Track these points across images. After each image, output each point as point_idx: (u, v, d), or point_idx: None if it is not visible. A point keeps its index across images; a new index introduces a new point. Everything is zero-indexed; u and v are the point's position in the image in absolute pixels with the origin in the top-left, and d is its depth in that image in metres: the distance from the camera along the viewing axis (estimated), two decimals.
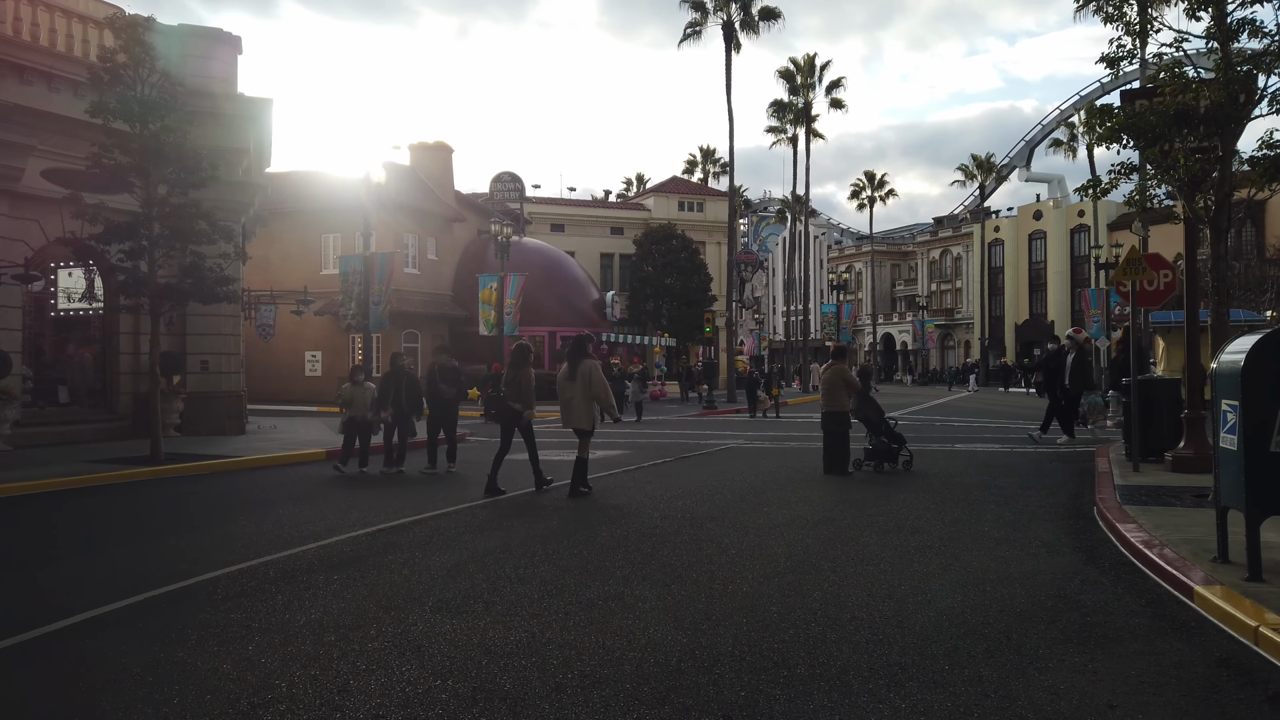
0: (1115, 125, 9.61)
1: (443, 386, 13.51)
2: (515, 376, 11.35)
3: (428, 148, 39.60)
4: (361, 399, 13.91)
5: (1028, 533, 7.96)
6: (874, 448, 12.88)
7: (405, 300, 35.96)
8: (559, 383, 10.91)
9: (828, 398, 12.63)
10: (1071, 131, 56.45)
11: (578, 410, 10.70)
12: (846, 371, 12.70)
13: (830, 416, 12.57)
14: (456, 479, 12.67)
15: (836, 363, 12.81)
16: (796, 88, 50.15)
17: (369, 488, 11.85)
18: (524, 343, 14.54)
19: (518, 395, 11.28)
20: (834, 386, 12.58)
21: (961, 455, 15.08)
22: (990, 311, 74.57)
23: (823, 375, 12.86)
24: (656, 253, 49.49)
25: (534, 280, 39.45)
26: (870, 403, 12.90)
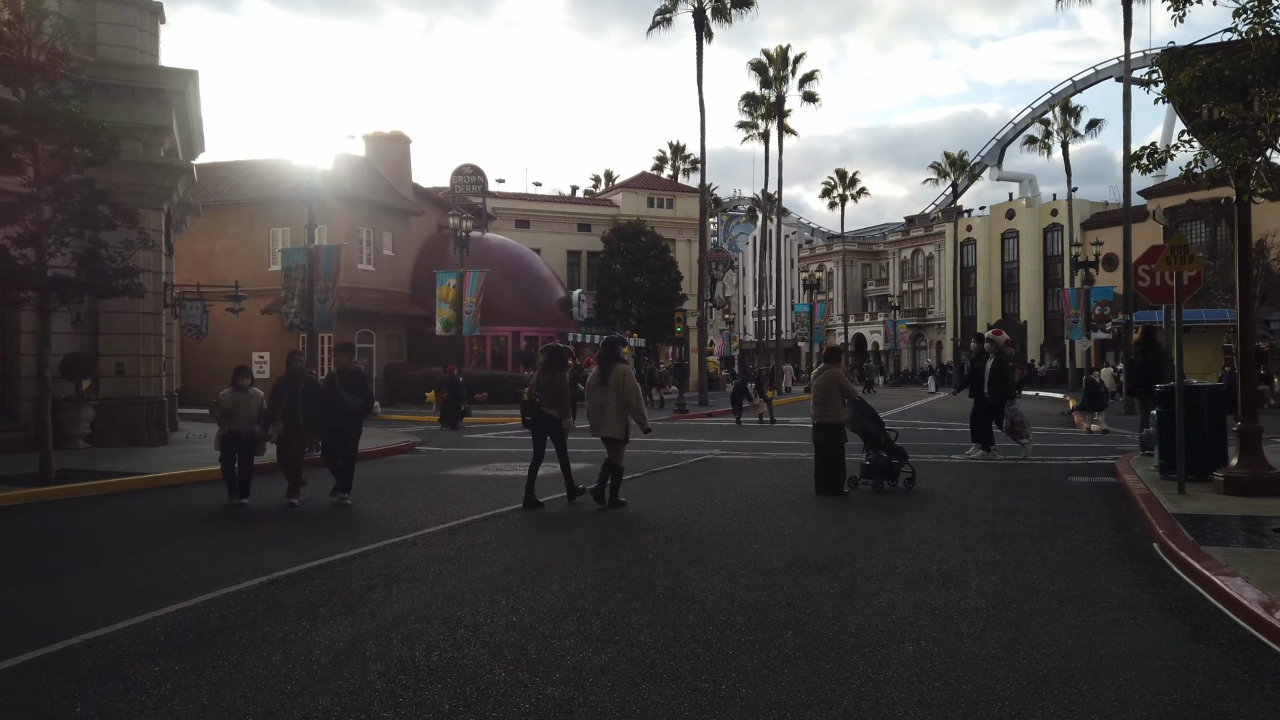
0: (1197, 73, 7.86)
1: (344, 395, 10.73)
2: (550, 381, 10.45)
3: (384, 138, 37.56)
4: (245, 409, 10.93)
5: (1090, 584, 6.34)
6: (872, 463, 11.26)
7: (359, 297, 33.95)
8: (589, 389, 10.37)
9: (820, 406, 10.98)
10: (1046, 129, 55.40)
11: (610, 418, 10.11)
12: (841, 377, 11.07)
13: (824, 428, 10.93)
14: (350, 514, 9.97)
15: (829, 366, 11.17)
16: (769, 80, 48.67)
17: (278, 520, 9.97)
18: (559, 344, 12.31)
19: (554, 401, 10.40)
20: (827, 394, 10.93)
21: (961, 469, 13.50)
22: (962, 312, 73.70)
23: (814, 381, 11.21)
24: (625, 250, 47.76)
25: (496, 278, 37.57)
26: (868, 412, 11.27)
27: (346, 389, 10.80)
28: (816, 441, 11.01)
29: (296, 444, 10.93)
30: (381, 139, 37.49)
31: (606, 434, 10.21)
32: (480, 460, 15.62)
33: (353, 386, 10.93)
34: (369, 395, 11.39)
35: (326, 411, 10.73)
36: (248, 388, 11.13)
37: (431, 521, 9.24)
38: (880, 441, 11.20)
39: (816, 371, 11.29)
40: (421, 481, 12.74)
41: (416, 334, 36.28)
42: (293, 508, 10.46)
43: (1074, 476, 12.40)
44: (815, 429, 11.05)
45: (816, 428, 11.02)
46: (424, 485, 12.28)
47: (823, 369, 11.20)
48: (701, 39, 37.81)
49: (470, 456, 16.43)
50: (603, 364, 10.38)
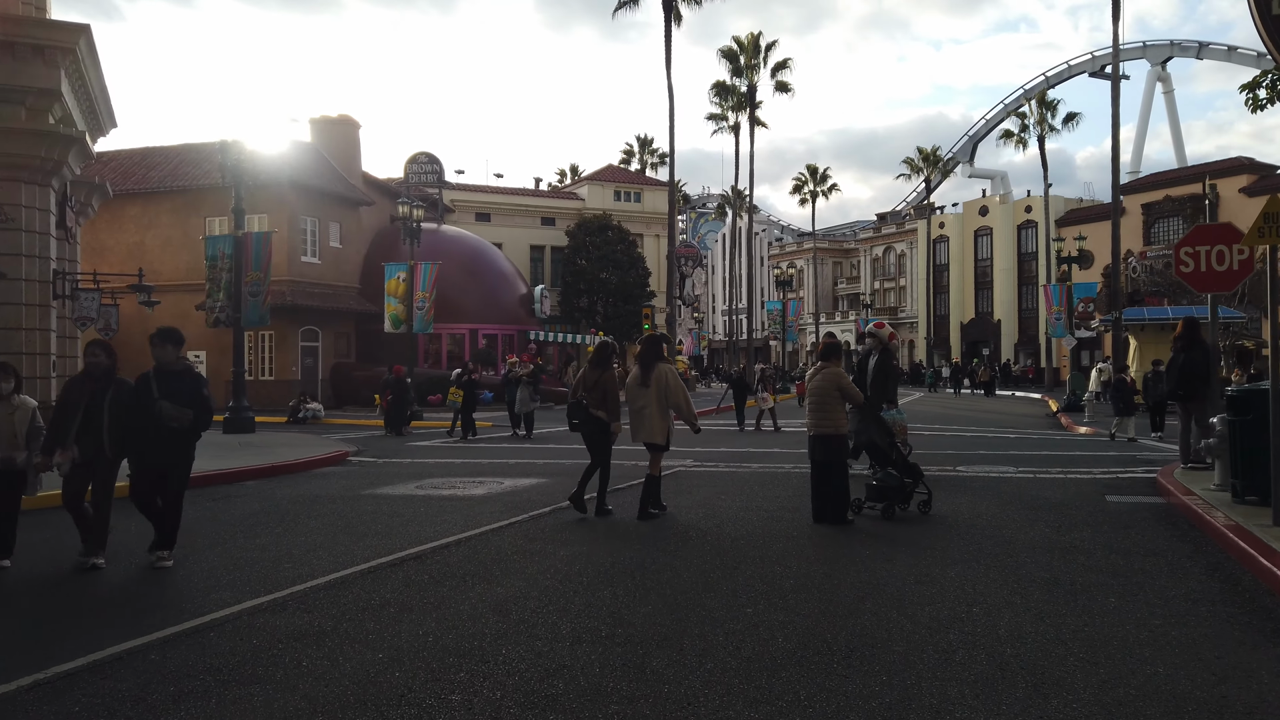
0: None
1: (164, 406, 7.14)
2: (599, 379, 9.56)
3: (331, 122, 35.15)
4: (8, 427, 7.26)
5: (1236, 682, 4.35)
6: (880, 483, 9.26)
7: (303, 292, 31.54)
8: (629, 390, 9.54)
9: (818, 414, 8.96)
10: (1022, 122, 54.06)
11: (651, 422, 9.31)
12: (844, 377, 9.03)
13: (823, 442, 8.90)
14: (173, 580, 6.81)
15: (828, 365, 9.13)
16: (740, 68, 46.81)
17: (47, 595, 6.91)
18: (608, 339, 11.10)
19: (602, 402, 9.47)
20: (826, 400, 8.90)
21: (979, 485, 11.55)
22: (935, 310, 72.47)
23: (810, 384, 9.19)
24: (591, 245, 45.68)
25: (453, 272, 35.30)
26: (878, 422, 9.27)
27: (168, 396, 7.21)
28: (815, 458, 8.98)
29: (102, 478, 7.33)
30: (328, 123, 35.07)
31: (648, 439, 9.35)
32: (416, 475, 13.45)
33: (177, 392, 7.29)
34: (203, 405, 7.40)
35: (138, 431, 7.24)
36: (9, 394, 7.37)
37: (317, 571, 7.03)
38: (891, 457, 9.20)
39: (813, 372, 9.26)
40: (334, 505, 10.54)
41: (367, 332, 33.91)
42: (94, 570, 7.06)
43: (1113, 496, 10.48)
44: (812, 442, 9.03)
45: (814, 441, 9.00)
46: (333, 511, 10.09)
47: (820, 368, 9.16)
48: (670, 21, 35.84)
49: (406, 470, 14.24)
50: (644, 363, 9.39)
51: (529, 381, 20.30)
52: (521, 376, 20.39)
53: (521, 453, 16.79)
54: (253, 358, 31.99)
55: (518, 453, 16.80)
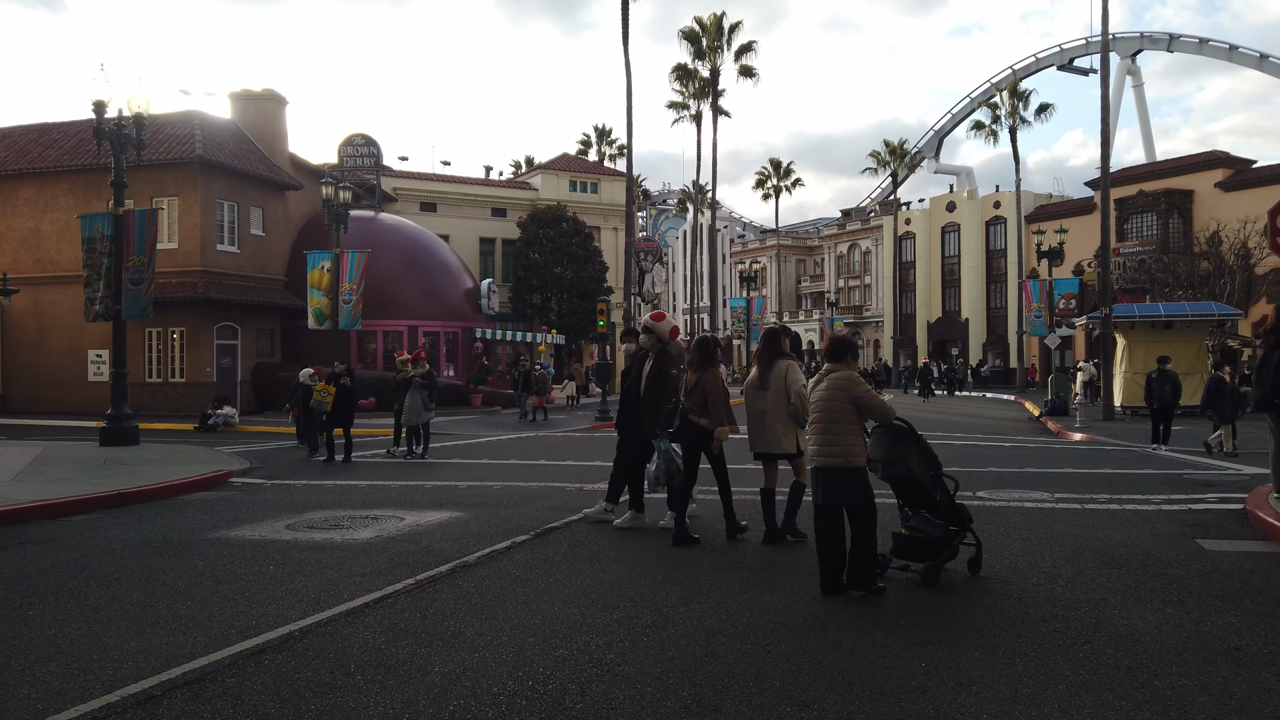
0: None
1: None
2: (700, 381, 8.19)
3: (253, 97, 31.87)
4: None
5: None
6: (916, 533, 6.59)
7: (218, 284, 28.32)
8: (746, 392, 8.19)
9: (825, 438, 6.27)
10: (994, 114, 52.16)
11: (772, 429, 7.82)
12: (861, 384, 6.32)
13: (831, 479, 6.22)
14: None
15: (838, 368, 6.45)
16: (702, 50, 44.24)
17: None
18: (710, 334, 9.55)
19: (704, 407, 8.09)
20: (836, 417, 6.25)
21: (1021, 523, 8.96)
22: (901, 309, 70.60)
23: (813, 394, 6.50)
24: (544, 237, 42.79)
25: (391, 264, 32.30)
26: (916, 445, 6.60)
27: None
28: (821, 500, 6.30)
29: None
30: (250, 99, 31.81)
31: (768, 449, 7.91)
32: (299, 506, 10.58)
33: None
34: None
35: None
36: None
37: None
38: (936, 496, 6.54)
39: (818, 379, 6.55)
40: (157, 560, 7.65)
41: (294, 329, 30.70)
42: None
43: (1208, 540, 7.93)
44: (817, 479, 6.34)
45: (820, 477, 6.30)
46: (147, 570, 7.22)
47: (826, 373, 6.46)
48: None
49: (292, 498, 11.36)
50: (762, 361, 7.96)
51: (423, 384, 16.15)
52: (413, 378, 16.16)
53: (446, 472, 13.94)
54: (160, 358, 28.72)
55: (439, 472, 13.95)
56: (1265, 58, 55.73)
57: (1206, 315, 29.65)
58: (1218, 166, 50.86)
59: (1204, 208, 50.44)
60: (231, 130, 30.80)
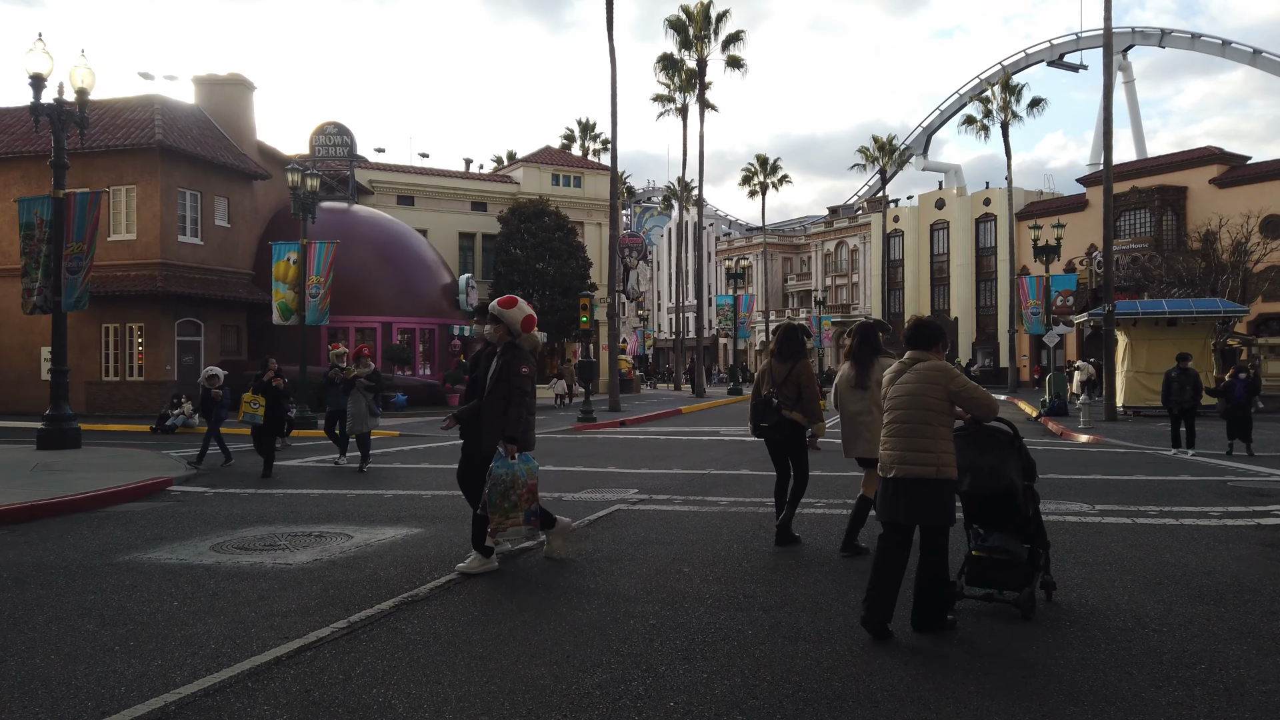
0: None
1: None
2: (792, 373, 7.45)
3: (218, 82, 30.33)
4: None
5: None
6: (997, 554, 5.37)
7: (179, 278, 26.81)
8: (839, 392, 7.28)
9: (905, 440, 5.00)
10: (985, 107, 51.15)
11: (874, 432, 6.58)
12: (959, 377, 5.05)
13: (918, 492, 4.94)
14: None
15: (925, 356, 5.15)
16: (689, 40, 42.88)
17: None
18: (799, 322, 8.68)
19: (796, 401, 7.37)
20: (924, 415, 4.99)
21: (1074, 542, 7.68)
22: (890, 307, 69.56)
23: (894, 388, 5.19)
24: (526, 232, 41.37)
25: (365, 257, 30.90)
26: (1017, 452, 5.40)
27: None
28: (890, 518, 5.05)
29: None
30: (215, 83, 30.27)
31: (866, 454, 7.06)
32: (235, 520, 9.23)
33: None
34: None
35: None
36: None
37: None
38: (1029, 511, 5.38)
39: (895, 370, 5.25)
40: (41, 592, 6.29)
41: (262, 325, 29.11)
42: None
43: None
44: (895, 492, 5.01)
45: (893, 488, 5.01)
46: (28, 605, 5.87)
47: (913, 361, 5.15)
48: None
49: (234, 510, 10.00)
50: (859, 358, 7.23)
51: (369, 386, 13.57)
52: (356, 379, 13.62)
53: (410, 479, 12.59)
54: (118, 355, 27.18)
55: (404, 480, 12.61)
56: (1259, 53, 55.03)
57: (1212, 312, 28.64)
58: (1212, 163, 50.05)
59: (1198, 204, 49.64)
60: (195, 116, 29.27)
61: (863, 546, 7.11)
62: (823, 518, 8.99)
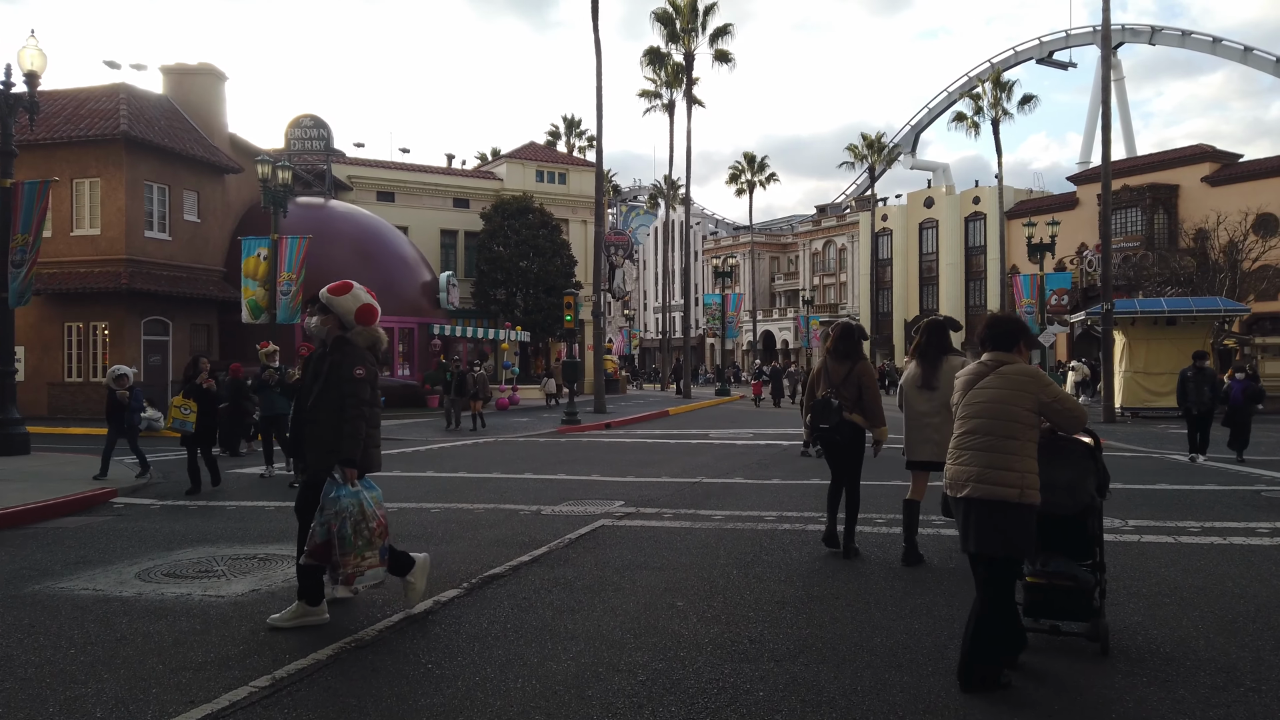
0: None
1: None
2: (852, 373, 7.04)
3: (187, 72, 29.20)
4: None
5: None
6: (1058, 580, 4.56)
7: (145, 275, 25.70)
8: (906, 392, 6.89)
9: (992, 458, 4.17)
10: (976, 104, 50.48)
11: (943, 434, 5.81)
12: (1051, 384, 4.31)
13: (1000, 517, 4.11)
14: None
15: (1008, 358, 4.40)
16: (675, 33, 42.02)
17: None
18: (851, 320, 8.31)
19: (857, 402, 6.99)
20: (1016, 429, 4.20)
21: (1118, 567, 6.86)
22: (878, 307, 68.91)
23: (971, 394, 4.37)
24: (509, 229, 40.34)
25: (341, 254, 29.79)
26: (1097, 467, 4.63)
27: None
28: (971, 547, 4.24)
29: None
30: (184, 73, 29.15)
31: (934, 457, 6.46)
32: (180, 539, 8.28)
33: None
34: None
35: None
36: None
37: None
38: (1097, 532, 4.67)
39: (972, 373, 4.45)
40: None
41: (233, 324, 27.99)
42: None
43: None
44: (971, 515, 4.20)
45: (980, 513, 4.17)
46: None
47: (995, 365, 4.37)
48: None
49: (177, 526, 9.03)
50: (926, 357, 6.78)
51: (274, 383, 12.83)
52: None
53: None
54: (81, 355, 26.04)
55: None
56: (1250, 50, 54.62)
57: (1212, 311, 27.99)
58: (1204, 161, 49.55)
59: (1190, 203, 49.14)
60: (163, 106, 28.14)
61: (921, 555, 6.83)
62: (884, 538, 8.11)
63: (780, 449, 16.91)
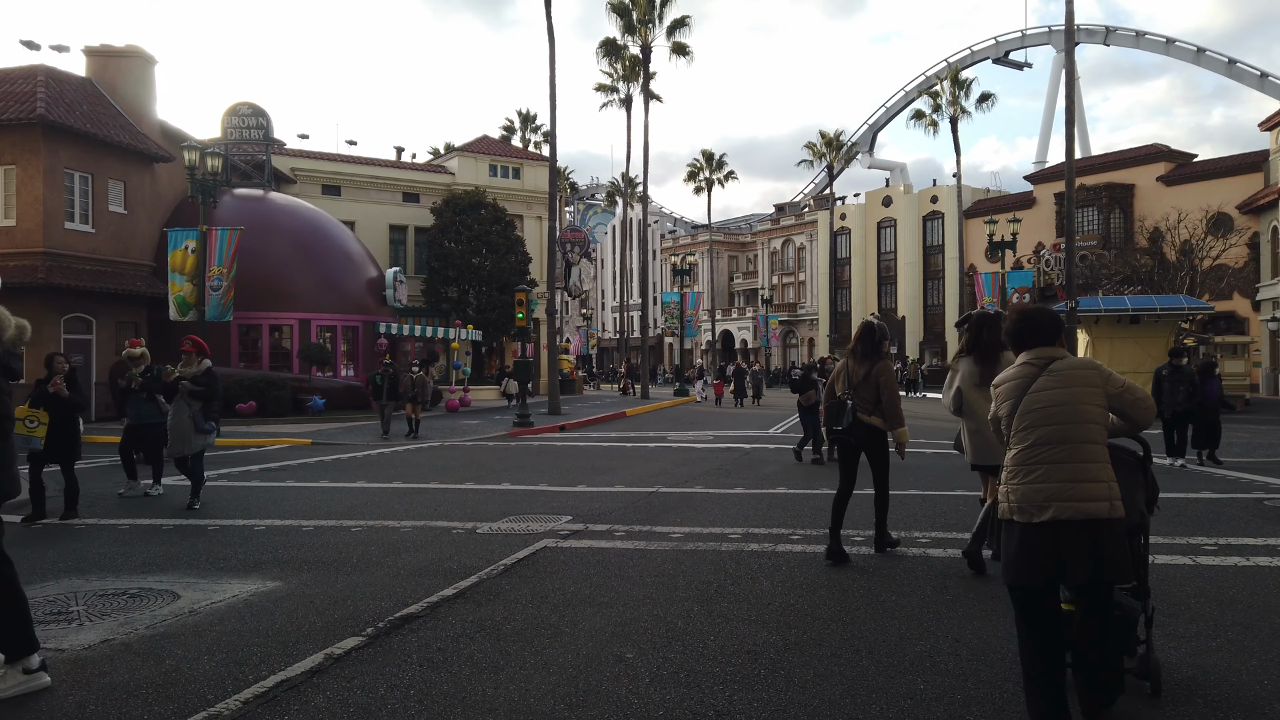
0: None
1: None
2: (870, 373, 6.80)
3: (114, 54, 27.49)
4: None
5: None
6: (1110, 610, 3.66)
7: (65, 269, 24.04)
8: (964, 393, 6.25)
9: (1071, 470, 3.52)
10: (935, 102, 50.16)
11: None
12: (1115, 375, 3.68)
13: (1092, 540, 3.43)
14: None
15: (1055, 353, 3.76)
16: (632, 24, 40.96)
17: None
18: (876, 319, 7.67)
19: (875, 404, 6.77)
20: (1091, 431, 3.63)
21: (1161, 591, 5.94)
22: (837, 306, 68.57)
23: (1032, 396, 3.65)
24: (461, 225, 38.97)
25: (283, 250, 28.42)
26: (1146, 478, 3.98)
27: None
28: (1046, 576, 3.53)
29: None
30: (110, 55, 27.45)
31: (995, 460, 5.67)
32: (46, 568, 7.08)
33: None
34: None
35: None
36: None
37: None
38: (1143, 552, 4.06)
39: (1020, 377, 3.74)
40: None
41: (164, 321, 26.46)
42: None
43: None
44: (1055, 540, 3.43)
45: (1068, 536, 3.42)
46: None
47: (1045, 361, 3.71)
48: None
49: (48, 551, 7.78)
50: (985, 354, 6.14)
51: (196, 392, 10.19)
52: (179, 380, 10.25)
53: (299, 502, 10.39)
54: None
55: (290, 503, 10.41)
56: (1202, 51, 55.02)
57: (1176, 310, 27.66)
58: (1159, 160, 49.72)
59: (1145, 202, 49.26)
60: (86, 90, 26.44)
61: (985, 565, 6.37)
62: (865, 561, 7.09)
63: (742, 453, 15.95)
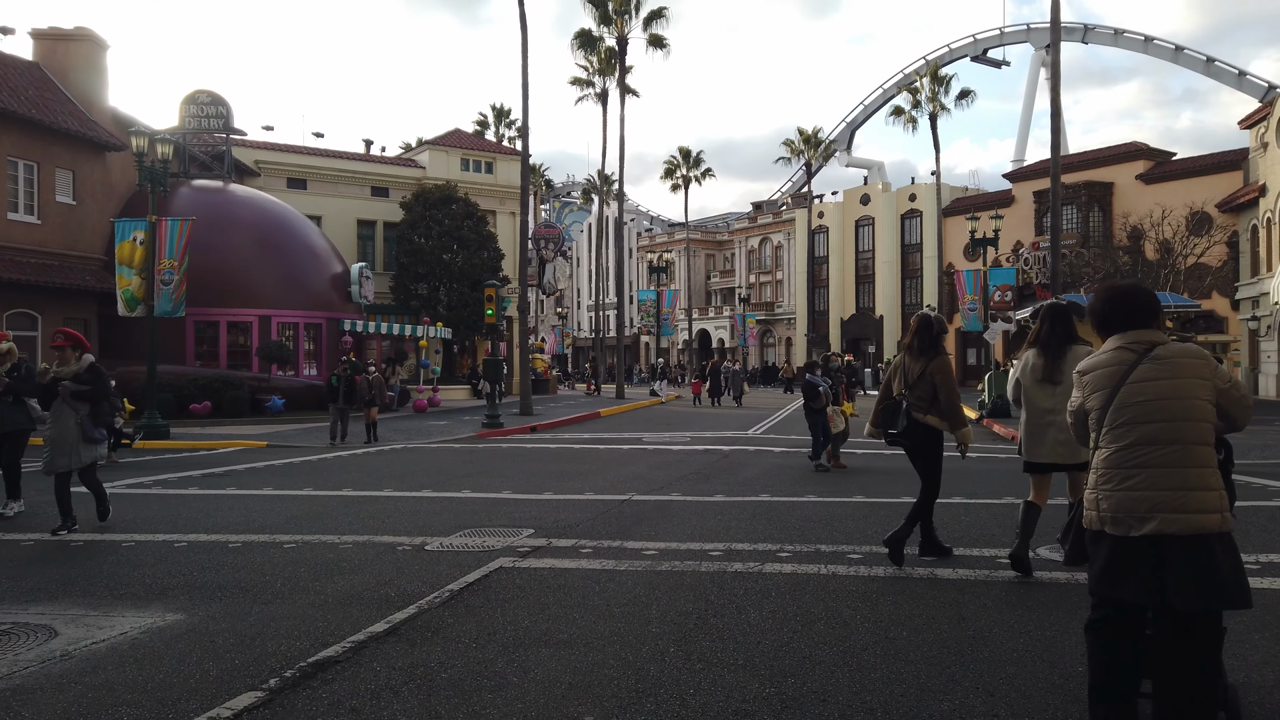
0: None
1: None
2: (926, 371, 6.42)
3: (63, 37, 26.20)
4: None
5: None
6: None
7: (9, 261, 22.80)
8: (1025, 387, 5.88)
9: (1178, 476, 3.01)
10: (915, 99, 49.64)
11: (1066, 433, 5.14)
12: (1220, 368, 3.18)
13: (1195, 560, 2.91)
14: None
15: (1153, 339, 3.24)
16: (608, 15, 40.06)
17: None
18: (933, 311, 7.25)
19: (932, 403, 6.39)
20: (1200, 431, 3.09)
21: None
22: (814, 305, 67.96)
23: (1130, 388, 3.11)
24: (432, 220, 37.84)
25: (243, 244, 27.27)
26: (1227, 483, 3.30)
27: None
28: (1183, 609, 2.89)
29: None
30: (59, 39, 26.17)
31: (1064, 459, 5.75)
32: None
33: None
34: None
35: None
36: None
37: None
38: None
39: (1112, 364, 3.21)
40: None
41: (115, 318, 25.20)
42: None
43: None
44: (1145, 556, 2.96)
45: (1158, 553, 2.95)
46: None
47: (1141, 348, 3.18)
48: None
49: None
50: (1049, 348, 5.76)
51: (80, 394, 8.49)
52: (58, 380, 8.54)
53: (232, 513, 9.37)
54: None
55: (223, 514, 9.39)
56: (1180, 50, 54.87)
57: (1163, 308, 27.10)
58: (1138, 158, 49.45)
59: (1124, 200, 48.95)
60: (33, 74, 25.15)
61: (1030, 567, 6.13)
62: (865, 584, 6.21)
63: (721, 455, 15.08)
